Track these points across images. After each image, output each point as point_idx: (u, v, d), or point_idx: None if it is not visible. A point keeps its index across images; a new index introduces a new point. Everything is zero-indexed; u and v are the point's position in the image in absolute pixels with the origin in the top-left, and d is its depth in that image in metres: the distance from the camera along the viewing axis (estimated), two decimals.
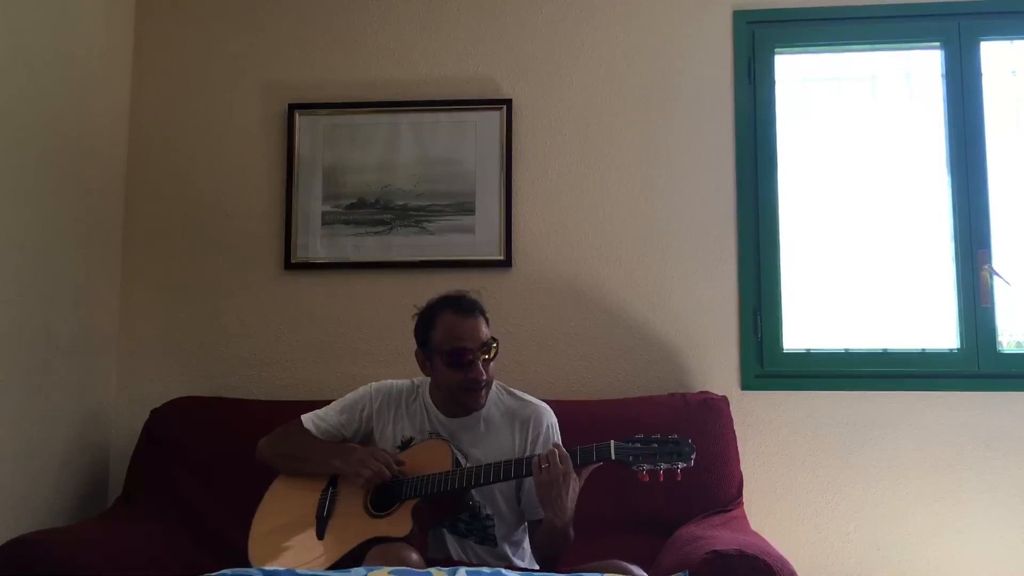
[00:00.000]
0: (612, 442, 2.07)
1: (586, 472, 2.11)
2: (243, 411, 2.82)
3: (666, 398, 2.77)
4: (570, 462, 2.05)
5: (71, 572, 2.15)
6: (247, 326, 3.09)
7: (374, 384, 2.41)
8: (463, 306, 2.24)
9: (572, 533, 2.13)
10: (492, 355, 2.24)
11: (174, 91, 3.21)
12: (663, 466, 2.03)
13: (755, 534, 2.33)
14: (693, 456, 2.05)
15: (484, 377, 2.22)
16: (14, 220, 2.62)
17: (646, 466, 2.04)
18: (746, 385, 2.94)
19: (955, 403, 2.87)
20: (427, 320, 2.27)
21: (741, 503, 2.62)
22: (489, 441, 2.27)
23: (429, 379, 2.34)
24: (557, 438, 2.29)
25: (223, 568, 1.85)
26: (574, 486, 2.06)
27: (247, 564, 2.14)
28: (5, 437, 2.57)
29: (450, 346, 2.20)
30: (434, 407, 2.32)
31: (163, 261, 3.14)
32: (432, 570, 1.82)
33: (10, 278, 2.60)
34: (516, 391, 2.37)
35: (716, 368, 2.94)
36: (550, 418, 2.32)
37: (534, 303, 3.03)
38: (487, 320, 2.27)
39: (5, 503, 2.56)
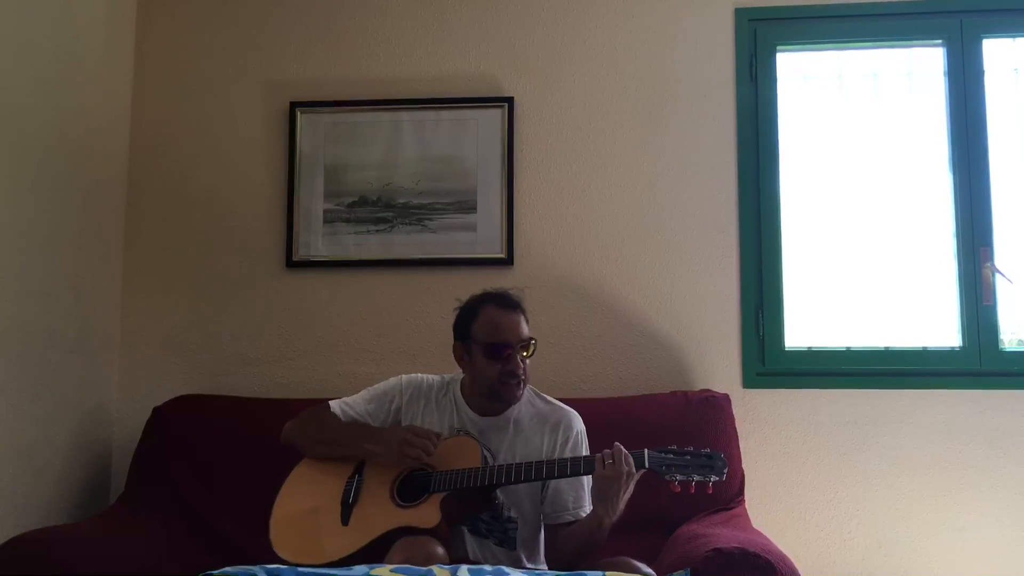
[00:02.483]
0: (646, 451, 2.08)
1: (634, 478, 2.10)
2: (245, 409, 2.83)
3: (668, 396, 2.77)
4: (632, 462, 2.06)
5: (73, 570, 2.16)
6: (249, 324, 3.09)
7: (404, 376, 2.39)
8: (507, 301, 2.27)
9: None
10: (530, 352, 2.26)
11: (175, 90, 3.21)
12: (696, 478, 2.05)
13: (757, 532, 2.33)
14: (725, 471, 2.06)
15: (522, 371, 2.23)
16: (16, 218, 2.62)
17: (679, 477, 2.05)
18: (748, 383, 2.93)
19: (957, 401, 2.86)
20: (469, 313, 2.28)
21: (743, 501, 2.61)
22: (518, 442, 2.26)
23: (460, 376, 2.34)
24: (585, 445, 2.30)
25: (225, 566, 1.85)
26: (631, 487, 2.07)
27: (249, 561, 2.13)
28: (7, 435, 2.58)
29: (491, 339, 2.22)
30: (465, 404, 2.31)
31: (165, 259, 3.15)
32: (434, 568, 1.82)
33: (12, 276, 2.60)
34: (547, 396, 2.37)
35: (718, 366, 2.94)
36: (579, 424, 2.32)
37: (535, 301, 3.00)
38: (527, 319, 2.29)
39: (7, 501, 2.56)
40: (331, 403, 2.36)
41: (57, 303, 2.80)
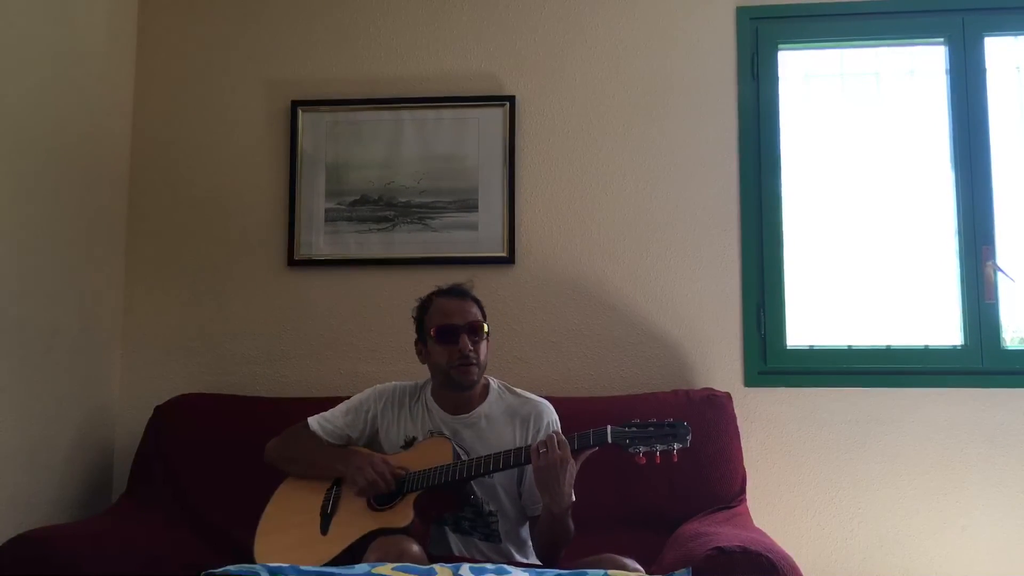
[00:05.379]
0: (608, 427, 2.10)
1: (581, 458, 2.13)
2: (247, 408, 2.83)
3: (669, 395, 2.77)
4: (568, 448, 2.08)
5: (75, 569, 2.16)
6: (250, 323, 3.09)
7: (378, 386, 2.44)
8: (453, 290, 2.36)
9: (572, 527, 2.15)
10: (481, 336, 2.28)
11: (177, 88, 3.21)
12: (659, 448, 2.06)
13: (758, 530, 2.33)
14: (689, 437, 2.07)
15: (471, 351, 2.25)
16: (18, 217, 2.62)
17: (642, 448, 2.06)
18: (749, 382, 2.93)
19: (958, 400, 2.86)
20: (422, 309, 2.37)
21: (744, 499, 2.61)
22: (491, 438, 2.29)
23: (431, 380, 2.38)
24: None
25: (227, 564, 1.85)
26: (571, 471, 2.08)
27: (251, 560, 2.15)
28: (9, 434, 2.58)
29: (439, 323, 2.28)
30: (436, 406, 2.34)
31: (166, 258, 3.15)
32: (436, 567, 1.82)
33: (14, 275, 2.61)
34: (517, 389, 2.39)
35: (719, 364, 2.94)
36: (551, 414, 2.35)
37: (537, 300, 3.03)
38: (481, 308, 2.34)
39: (9, 500, 2.57)
40: (309, 420, 2.40)
41: (59, 302, 2.80)
